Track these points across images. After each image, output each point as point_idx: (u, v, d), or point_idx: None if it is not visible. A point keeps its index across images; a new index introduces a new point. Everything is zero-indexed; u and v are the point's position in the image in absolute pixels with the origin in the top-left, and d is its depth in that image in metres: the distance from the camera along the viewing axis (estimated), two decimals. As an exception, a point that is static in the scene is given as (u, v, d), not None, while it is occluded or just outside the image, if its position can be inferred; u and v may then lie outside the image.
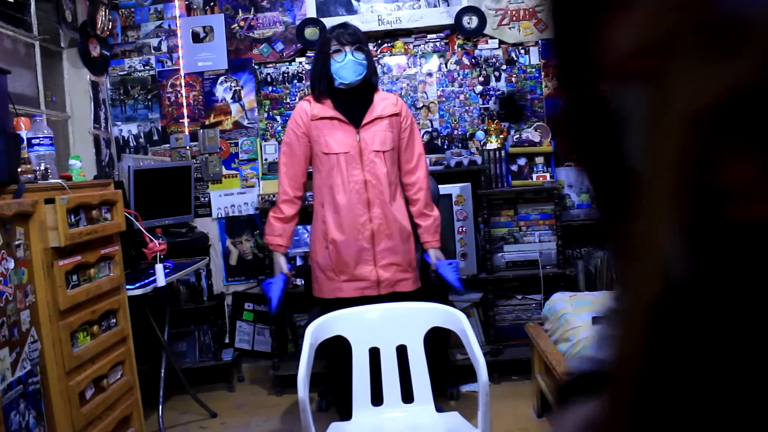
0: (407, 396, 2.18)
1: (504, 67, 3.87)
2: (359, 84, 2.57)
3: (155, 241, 2.81)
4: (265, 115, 3.98)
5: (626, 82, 0.44)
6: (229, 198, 4.01)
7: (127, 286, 2.51)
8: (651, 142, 0.41)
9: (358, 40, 2.58)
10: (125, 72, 4.03)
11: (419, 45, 3.90)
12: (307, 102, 2.65)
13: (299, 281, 3.52)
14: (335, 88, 2.59)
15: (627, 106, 0.45)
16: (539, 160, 3.68)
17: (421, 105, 3.91)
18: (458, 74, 3.88)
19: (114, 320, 2.32)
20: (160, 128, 4.03)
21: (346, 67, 2.53)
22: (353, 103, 2.60)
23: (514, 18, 3.86)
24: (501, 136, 3.75)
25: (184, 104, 3.98)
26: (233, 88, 3.99)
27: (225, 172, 4.01)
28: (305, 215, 3.05)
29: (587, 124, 0.52)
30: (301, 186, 2.68)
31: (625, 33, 0.43)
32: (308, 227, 3.14)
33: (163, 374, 3.08)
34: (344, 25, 2.66)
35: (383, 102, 2.65)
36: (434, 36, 3.88)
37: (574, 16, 0.52)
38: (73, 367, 1.99)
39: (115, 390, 2.25)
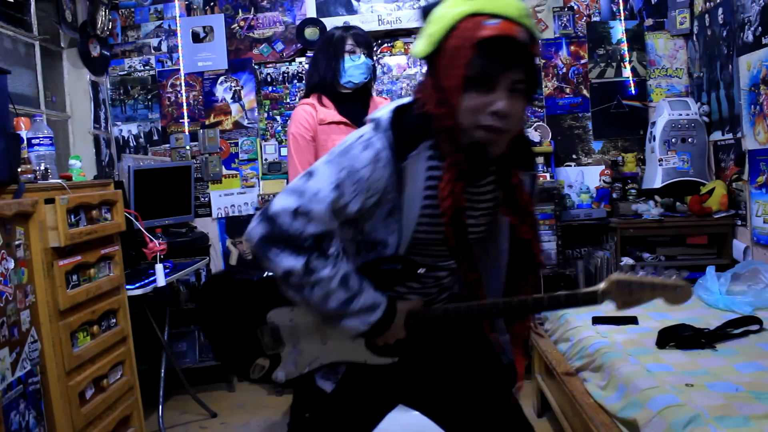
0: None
1: (504, 67, 3.87)
2: (361, 86, 2.57)
3: (155, 241, 2.81)
4: (265, 115, 3.98)
5: None
6: (229, 198, 4.01)
7: (127, 286, 2.51)
8: None
9: (370, 44, 2.60)
10: (125, 72, 4.03)
11: (419, 45, 3.90)
12: (310, 106, 2.57)
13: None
14: (334, 91, 2.57)
15: None
16: (539, 160, 3.68)
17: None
18: (458, 74, 3.88)
19: (114, 320, 2.32)
20: (160, 128, 4.03)
21: (360, 67, 2.52)
22: (354, 107, 2.58)
23: (514, 18, 3.85)
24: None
25: (184, 104, 3.98)
26: (233, 88, 3.99)
27: (225, 172, 4.01)
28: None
29: None
30: None
31: None
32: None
33: (163, 374, 3.08)
34: (356, 27, 2.66)
35: (383, 106, 2.65)
36: (434, 36, 3.87)
37: None
38: (73, 367, 1.99)
39: (115, 390, 2.25)
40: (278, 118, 3.96)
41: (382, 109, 1.27)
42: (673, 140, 3.49)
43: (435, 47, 1.15)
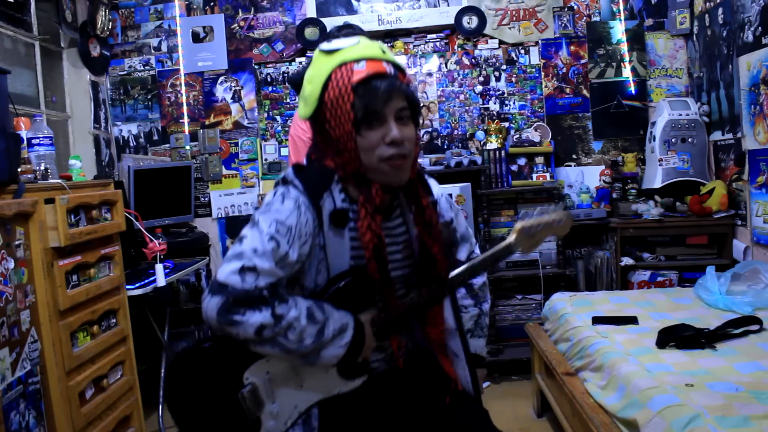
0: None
1: (504, 67, 3.88)
2: None
3: (155, 241, 2.81)
4: (265, 115, 3.98)
5: None
6: (229, 198, 4.01)
7: (127, 286, 2.51)
8: None
9: None
10: (125, 72, 4.03)
11: (419, 45, 3.90)
12: None
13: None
14: None
15: None
16: (539, 160, 3.68)
17: (421, 105, 3.91)
18: (458, 74, 3.89)
19: (114, 320, 2.32)
20: (160, 128, 4.03)
21: None
22: None
23: (514, 18, 3.86)
24: (501, 136, 3.75)
25: (184, 104, 3.98)
26: (233, 88, 3.99)
27: (225, 172, 4.01)
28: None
29: None
30: None
31: None
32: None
33: (163, 374, 3.08)
34: (356, 27, 2.65)
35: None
36: (434, 36, 3.88)
37: None
38: (73, 367, 1.99)
39: (115, 390, 2.25)
40: (278, 118, 3.96)
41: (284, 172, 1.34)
42: (673, 140, 3.49)
43: (316, 104, 1.25)
